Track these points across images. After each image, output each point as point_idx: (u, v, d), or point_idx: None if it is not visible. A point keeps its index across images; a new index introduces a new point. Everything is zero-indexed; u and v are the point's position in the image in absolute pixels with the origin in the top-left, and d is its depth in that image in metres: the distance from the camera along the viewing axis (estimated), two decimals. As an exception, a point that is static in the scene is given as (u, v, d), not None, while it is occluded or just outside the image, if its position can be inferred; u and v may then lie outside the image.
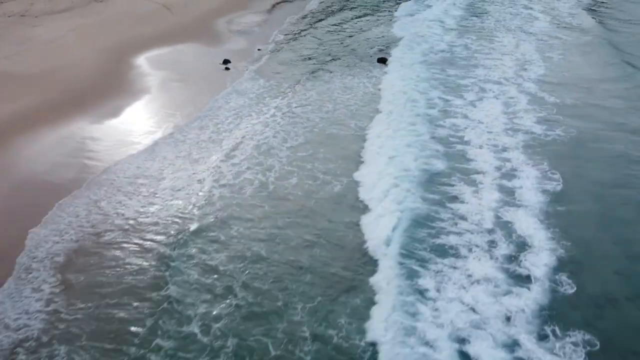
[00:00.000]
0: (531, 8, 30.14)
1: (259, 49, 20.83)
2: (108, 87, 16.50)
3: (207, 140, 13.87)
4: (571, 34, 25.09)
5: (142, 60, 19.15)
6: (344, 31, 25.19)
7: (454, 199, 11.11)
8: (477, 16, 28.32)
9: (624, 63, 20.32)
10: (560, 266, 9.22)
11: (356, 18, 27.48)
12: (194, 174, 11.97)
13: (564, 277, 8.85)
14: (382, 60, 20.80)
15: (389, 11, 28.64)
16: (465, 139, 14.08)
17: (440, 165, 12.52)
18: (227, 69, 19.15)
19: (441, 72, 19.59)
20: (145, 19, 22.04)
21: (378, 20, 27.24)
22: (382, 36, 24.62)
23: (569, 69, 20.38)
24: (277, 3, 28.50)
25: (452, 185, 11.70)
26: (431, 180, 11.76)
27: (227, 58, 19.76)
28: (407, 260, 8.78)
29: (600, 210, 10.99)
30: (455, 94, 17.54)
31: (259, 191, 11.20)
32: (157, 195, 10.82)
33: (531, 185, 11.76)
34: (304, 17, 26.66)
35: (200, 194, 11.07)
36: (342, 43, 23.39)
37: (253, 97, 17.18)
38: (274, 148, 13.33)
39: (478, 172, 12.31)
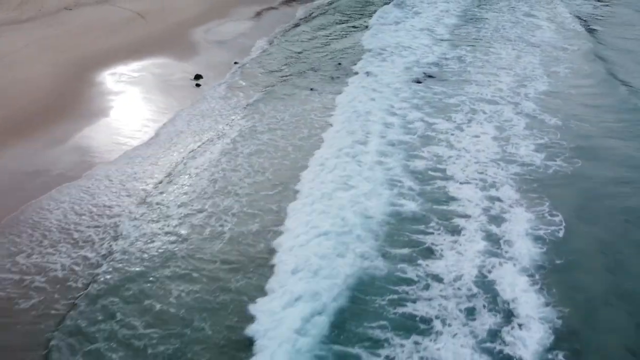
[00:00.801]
0: (534, 15, 29.55)
1: (235, 62, 20.42)
2: (60, 109, 15.61)
3: (138, 178, 12.48)
4: (581, 45, 24.27)
5: (105, 77, 18.44)
6: (331, 42, 24.58)
7: (427, 252, 9.75)
8: (472, 24, 27.79)
9: None
10: (557, 344, 7.76)
11: (345, 27, 27.21)
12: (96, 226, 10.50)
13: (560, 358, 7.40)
14: (370, 74, 20.11)
15: (390, 24, 27.96)
16: (448, 172, 12.82)
17: (413, 207, 11.21)
18: (198, 85, 18.52)
19: (426, 89, 18.56)
20: (116, 29, 21.81)
21: (368, 30, 26.61)
22: (363, 48, 23.51)
23: (577, 85, 19.41)
24: (262, 10, 28.56)
25: (427, 234, 10.36)
26: (399, 229, 10.37)
27: (199, 73, 19.30)
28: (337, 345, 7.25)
29: (611, 264, 9.65)
30: (441, 115, 16.52)
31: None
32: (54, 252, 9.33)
33: (525, 232, 10.47)
34: (291, 26, 26.17)
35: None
36: (326, 56, 22.76)
37: (214, 119, 16.16)
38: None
39: (460, 216, 11.01)
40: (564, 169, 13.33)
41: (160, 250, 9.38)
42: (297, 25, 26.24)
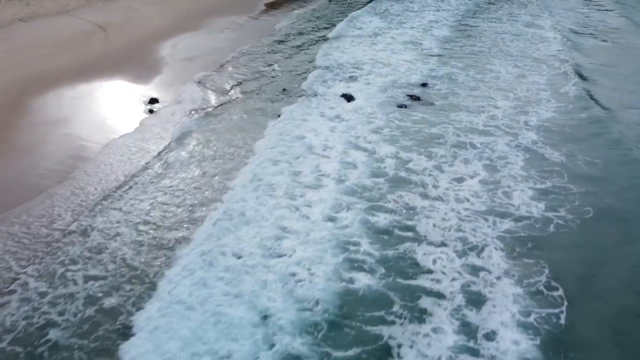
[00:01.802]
0: (538, 25, 28.49)
1: (199, 82, 19.70)
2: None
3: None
4: (599, 57, 23.08)
5: (44, 103, 17.09)
6: (301, 57, 23.82)
7: (382, 354, 7.95)
8: (467, 37, 26.87)
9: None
10: None
11: (323, 38, 26.22)
12: None
13: None
14: (346, 97, 19.02)
15: (371, 35, 27.07)
16: (419, 230, 11.17)
17: (368, 282, 9.51)
18: (151, 111, 17.45)
19: (406, 117, 17.27)
20: (71, 44, 21.42)
21: (341, 42, 25.62)
22: (331, 65, 22.56)
23: (590, 108, 18.11)
24: (240, 21, 27.99)
25: (384, 323, 8.67)
26: (347, 316, 8.70)
27: (156, 96, 18.44)
28: None
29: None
30: (420, 150, 15.16)
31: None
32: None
33: (512, 318, 8.72)
34: (269, 40, 25.72)
35: None
36: (290, 73, 21.86)
37: (149, 160, 14.65)
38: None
39: (431, 295, 9.33)
40: (569, 224, 11.72)
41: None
42: (273, 36, 26.09)
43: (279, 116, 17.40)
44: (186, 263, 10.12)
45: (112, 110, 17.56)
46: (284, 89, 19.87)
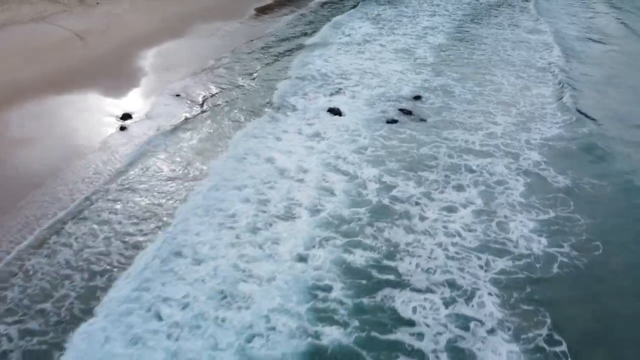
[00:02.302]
0: (541, 31, 27.92)
1: (177, 95, 19.11)
2: None
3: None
4: (606, 67, 22.54)
5: (8, 120, 16.30)
6: (286, 67, 22.86)
7: None
8: (465, 44, 26.22)
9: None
10: None
11: (309, 48, 25.44)
12: None
13: None
14: (334, 111, 18.22)
15: (361, 42, 26.37)
16: (401, 271, 10.23)
17: (338, 338, 8.59)
18: (122, 128, 16.57)
19: (394, 134, 16.58)
20: (44, 53, 20.90)
21: (327, 49, 25.05)
22: (314, 75, 21.85)
23: (599, 124, 17.50)
24: (226, 27, 27.39)
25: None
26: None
27: (129, 110, 17.69)
28: None
29: None
30: (408, 174, 14.35)
31: None
32: None
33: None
34: (253, 48, 25.14)
35: None
36: (274, 84, 20.94)
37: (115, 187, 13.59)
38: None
39: (411, 355, 8.24)
40: (575, 262, 10.83)
41: None
42: (257, 43, 25.52)
43: (250, 134, 16.53)
44: (111, 312, 9.06)
45: (79, 128, 16.47)
46: (259, 103, 19.06)
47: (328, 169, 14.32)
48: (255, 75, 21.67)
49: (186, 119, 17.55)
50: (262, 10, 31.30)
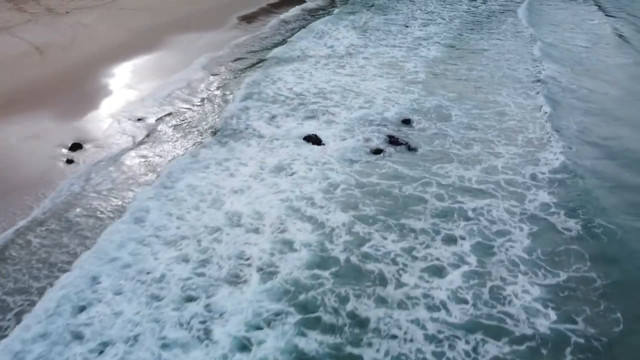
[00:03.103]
0: (550, 44, 26.47)
1: (139, 119, 18.07)
2: None
3: None
4: (622, 84, 21.77)
5: None
6: (256, 84, 21.70)
7: None
8: (463, 58, 25.05)
9: None
10: None
11: (285, 61, 24.39)
12: None
13: None
14: (311, 140, 16.94)
15: (344, 55, 25.36)
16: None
17: None
18: (69, 161, 15.29)
19: (374, 169, 15.36)
20: None
21: (303, 64, 23.98)
22: (280, 93, 20.63)
23: (622, 151, 16.53)
24: (205, 39, 26.58)
25: None
26: None
27: (82, 138, 16.54)
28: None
29: None
30: (388, 222, 12.91)
31: None
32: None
33: None
34: (226, 60, 24.48)
35: None
36: (237, 105, 19.69)
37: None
38: None
39: None
40: (592, 344, 9.57)
41: None
42: (230, 56, 24.92)
43: (198, 167, 15.24)
44: None
45: (19, 161, 15.10)
46: (217, 128, 17.78)
47: (290, 215, 12.89)
48: (223, 94, 20.61)
49: (139, 147, 16.41)
50: (245, 19, 31.09)
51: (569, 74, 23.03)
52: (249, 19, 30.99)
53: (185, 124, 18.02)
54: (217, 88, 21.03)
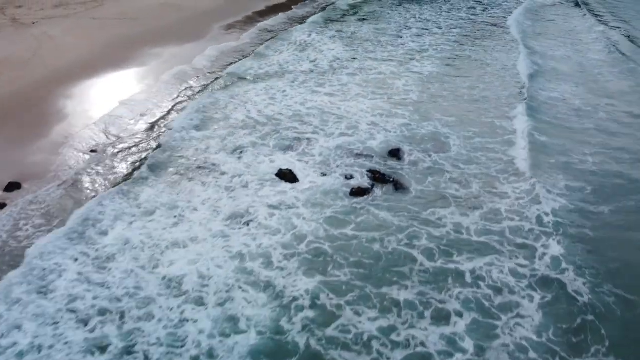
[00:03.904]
0: (564, 58, 24.70)
1: (92, 151, 16.25)
2: None
3: None
4: None
5: None
6: (222, 106, 19.92)
7: None
8: (463, 75, 23.55)
9: None
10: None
11: (260, 79, 22.77)
12: None
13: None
14: (285, 176, 15.12)
15: (327, 70, 23.69)
16: None
17: None
18: (2, 205, 13.34)
19: (351, 216, 13.47)
20: None
21: (291, 82, 22.27)
22: (267, 117, 18.85)
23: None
24: (184, 52, 25.14)
25: None
26: None
27: (18, 179, 14.55)
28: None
29: None
30: (363, 290, 11.03)
31: None
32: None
33: None
34: (204, 75, 22.86)
35: None
36: (194, 141, 17.53)
37: None
38: None
39: None
40: None
41: None
42: (209, 70, 23.48)
43: (139, 212, 13.34)
44: None
45: None
46: (173, 163, 15.79)
47: (241, 279, 11.06)
48: (183, 120, 18.53)
49: (82, 187, 14.55)
50: (228, 28, 29.93)
51: (582, 95, 21.38)
52: (231, 28, 29.99)
53: (136, 157, 16.05)
54: (179, 111, 19.20)
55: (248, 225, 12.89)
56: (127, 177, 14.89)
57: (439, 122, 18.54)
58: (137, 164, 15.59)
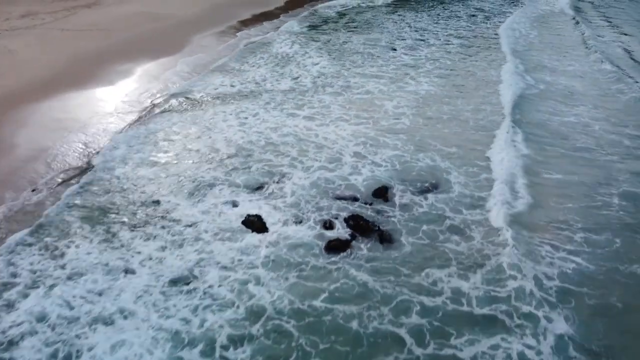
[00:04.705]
0: (580, 75, 23.95)
1: (34, 190, 14.46)
2: None
3: None
4: None
5: None
6: (187, 136, 17.91)
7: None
8: (464, 95, 21.71)
9: None
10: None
11: (237, 99, 21.04)
12: None
13: None
14: (253, 224, 13.20)
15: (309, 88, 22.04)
16: None
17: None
18: None
19: (324, 279, 11.50)
20: None
21: (267, 101, 20.60)
22: (236, 146, 17.12)
23: None
24: (154, 68, 23.75)
25: None
26: None
27: None
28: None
29: None
30: None
31: None
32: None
33: None
34: (171, 94, 21.14)
35: None
36: (144, 180, 15.43)
37: None
38: None
39: None
40: None
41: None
42: (178, 88, 21.77)
43: (65, 273, 11.34)
44: None
45: None
46: (109, 212, 13.60)
47: None
48: (136, 153, 16.54)
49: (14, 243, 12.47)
50: (207, 40, 28.45)
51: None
52: (211, 39, 28.59)
53: (68, 200, 13.98)
54: (131, 140, 17.20)
55: (192, 293, 10.59)
56: (54, 225, 12.85)
57: (437, 153, 16.67)
58: (68, 208, 13.60)
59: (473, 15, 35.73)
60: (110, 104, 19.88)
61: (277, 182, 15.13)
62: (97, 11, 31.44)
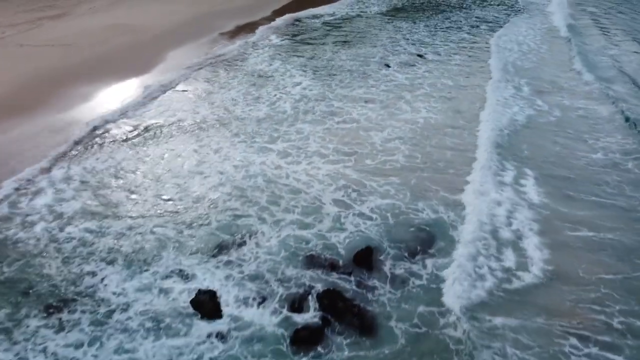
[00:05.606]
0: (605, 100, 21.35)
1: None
2: None
3: None
4: None
5: None
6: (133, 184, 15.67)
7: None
8: (471, 123, 19.13)
9: None
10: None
11: (201, 130, 18.90)
12: None
13: None
14: (203, 306, 11.07)
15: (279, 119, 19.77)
16: None
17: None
18: None
19: None
20: None
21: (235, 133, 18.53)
22: (191, 197, 14.83)
23: None
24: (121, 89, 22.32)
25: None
26: None
27: None
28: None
29: None
30: None
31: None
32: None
33: None
34: (125, 126, 19.12)
35: None
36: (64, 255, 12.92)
37: None
38: None
39: None
40: None
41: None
42: (134, 118, 19.64)
43: None
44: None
45: None
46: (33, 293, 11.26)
47: None
48: (60, 203, 14.41)
49: None
50: (181, 56, 26.60)
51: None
52: (186, 55, 26.77)
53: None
54: (56, 185, 15.09)
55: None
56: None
57: (438, 202, 14.26)
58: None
59: (475, 26, 33.33)
60: (54, 140, 17.73)
61: (239, 245, 12.74)
62: (64, 23, 29.96)
